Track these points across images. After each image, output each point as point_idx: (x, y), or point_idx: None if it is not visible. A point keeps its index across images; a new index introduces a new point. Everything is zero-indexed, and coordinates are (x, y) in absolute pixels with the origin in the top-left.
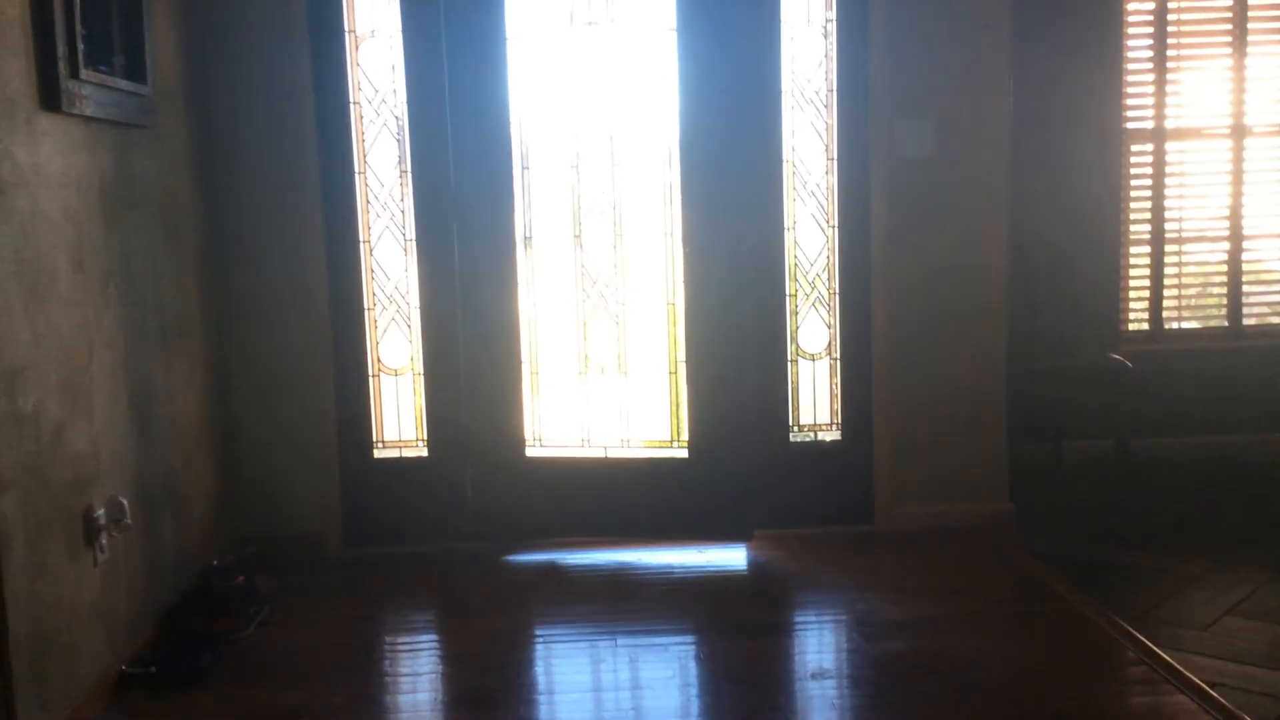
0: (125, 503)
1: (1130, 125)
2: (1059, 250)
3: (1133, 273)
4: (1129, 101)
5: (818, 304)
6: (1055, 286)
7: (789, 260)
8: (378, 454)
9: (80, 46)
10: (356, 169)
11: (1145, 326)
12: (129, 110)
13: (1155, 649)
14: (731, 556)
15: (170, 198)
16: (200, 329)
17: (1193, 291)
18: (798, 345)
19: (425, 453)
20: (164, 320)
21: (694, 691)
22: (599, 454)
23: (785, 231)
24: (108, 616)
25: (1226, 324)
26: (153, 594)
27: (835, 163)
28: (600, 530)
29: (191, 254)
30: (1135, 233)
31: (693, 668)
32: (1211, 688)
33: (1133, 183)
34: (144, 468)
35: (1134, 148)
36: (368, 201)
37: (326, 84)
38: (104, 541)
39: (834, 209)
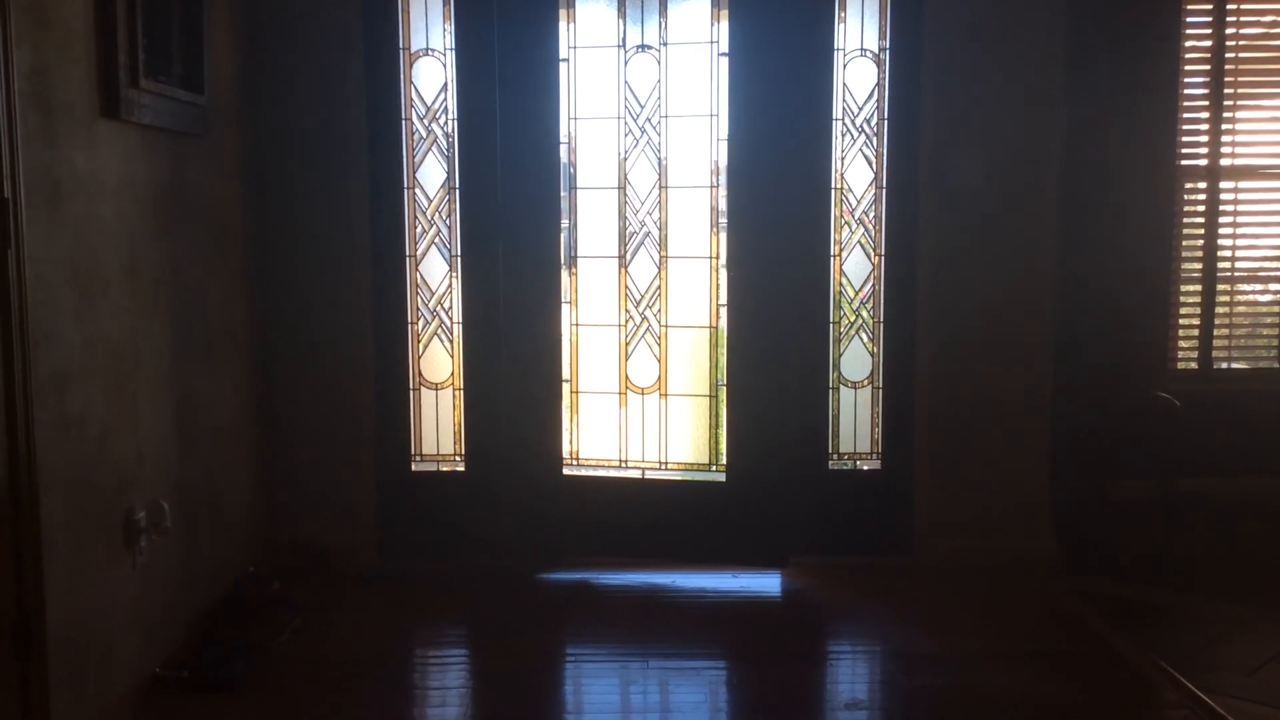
0: (166, 507)
1: (1184, 162)
2: (1108, 286)
3: (1183, 311)
4: (1184, 138)
5: (861, 332)
6: (1103, 322)
7: (834, 287)
8: (415, 467)
9: (141, 56)
10: (405, 184)
11: (1194, 366)
12: (185, 120)
13: (1198, 693)
14: (766, 583)
15: (221, 207)
16: (245, 338)
17: (1243, 332)
18: (840, 373)
19: (463, 467)
20: (210, 328)
21: (724, 718)
22: (636, 475)
23: (831, 258)
24: (144, 620)
25: (1277, 365)
26: (189, 599)
27: (884, 191)
28: (635, 551)
29: (240, 264)
30: (1186, 270)
31: (724, 694)
32: None
33: (1185, 220)
34: (185, 473)
35: (1187, 185)
36: (415, 216)
37: (378, 100)
38: (143, 545)
39: (881, 237)
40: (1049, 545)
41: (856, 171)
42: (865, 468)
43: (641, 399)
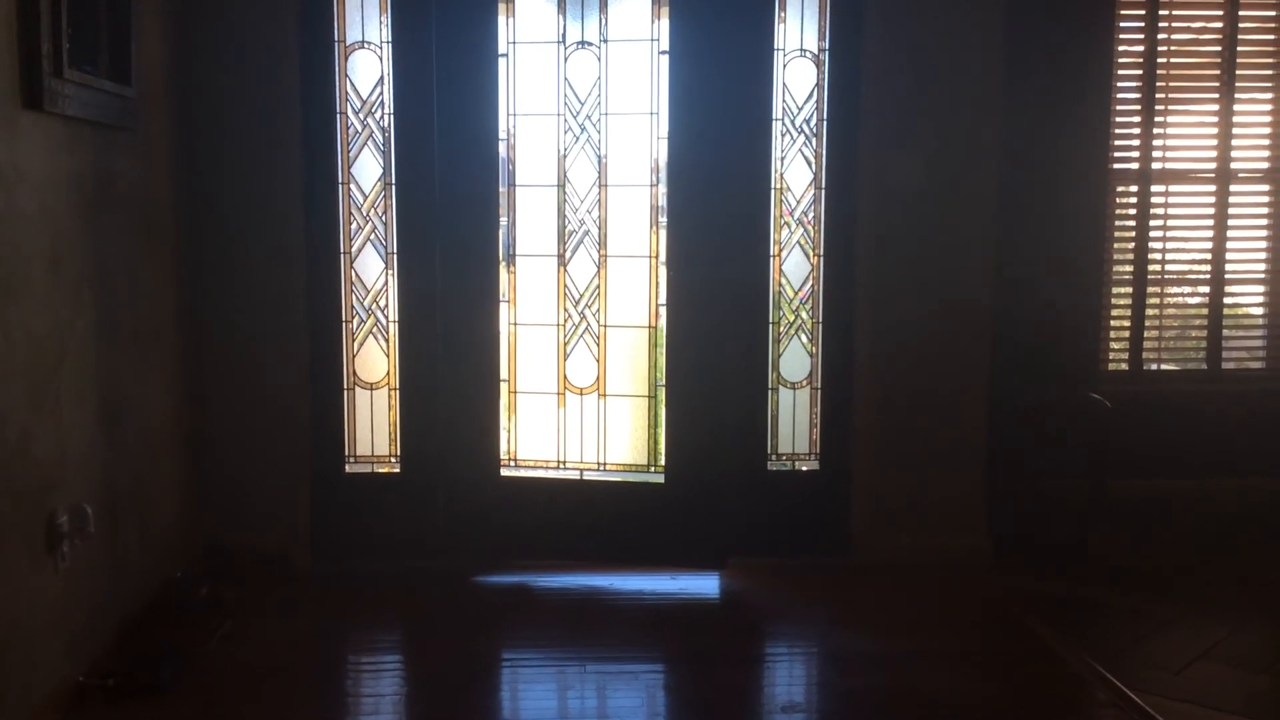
0: (90, 510)
1: (1117, 166)
2: (1044, 287)
3: (1114, 313)
4: (1116, 142)
5: (801, 332)
6: (1039, 323)
7: (773, 288)
8: (350, 469)
9: (65, 45)
10: (340, 179)
11: (1125, 367)
12: (112, 111)
13: (1128, 692)
14: (705, 584)
15: (150, 202)
16: (175, 335)
17: (1172, 334)
18: (779, 373)
19: (399, 469)
20: (138, 325)
21: None
22: (574, 476)
23: (771, 259)
24: (67, 626)
25: (1205, 367)
26: (114, 604)
27: (824, 192)
28: (573, 553)
29: (169, 259)
30: (1118, 273)
31: (661, 698)
32: None
33: (1117, 223)
34: (110, 475)
35: (1119, 188)
36: (350, 212)
37: (313, 93)
38: (66, 549)
39: (821, 238)
40: (984, 543)
41: (796, 172)
42: (804, 468)
43: (580, 399)
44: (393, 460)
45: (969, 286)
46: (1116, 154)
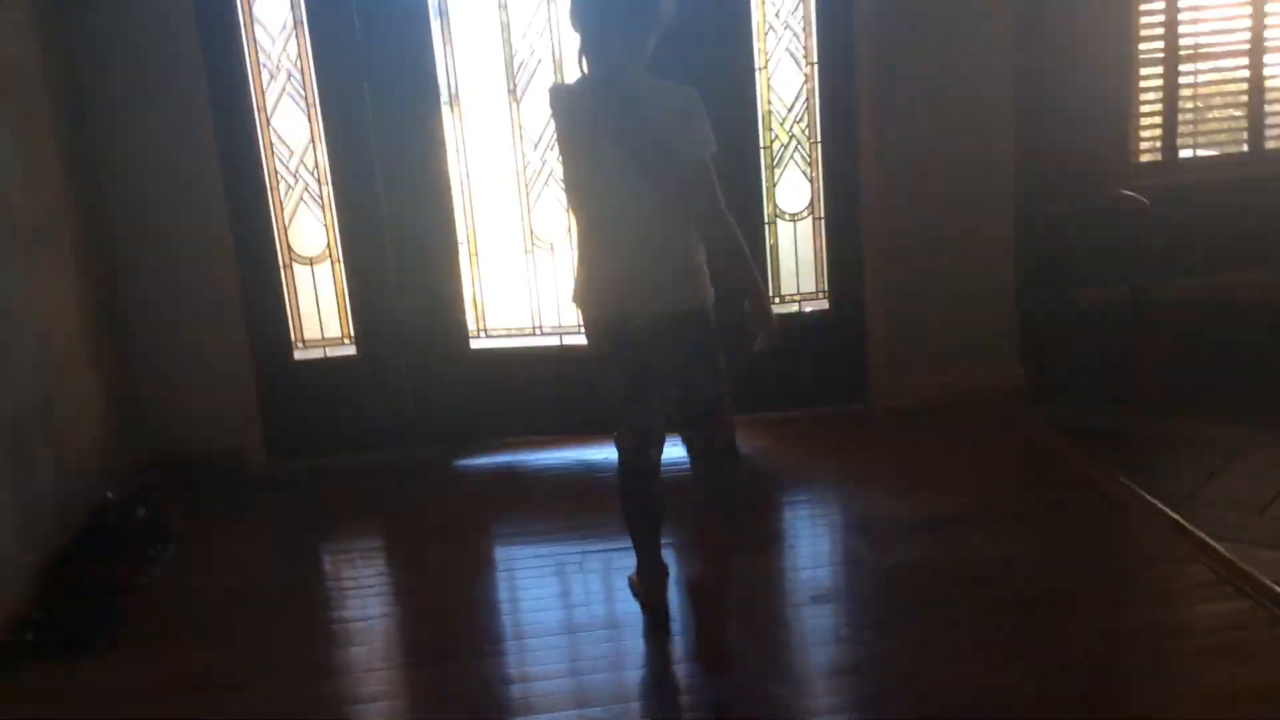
0: None
1: None
2: (1063, 74)
3: (1144, 97)
4: None
5: (797, 156)
6: (1060, 117)
7: (762, 105)
8: (299, 355)
9: None
10: (240, 21)
11: (1158, 157)
12: None
13: (1211, 543)
14: None
15: (12, 76)
16: (69, 230)
17: (1210, 115)
18: (775, 204)
19: (354, 350)
20: (15, 223)
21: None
22: (553, 342)
23: (757, 71)
24: None
25: (1247, 149)
26: (30, 543)
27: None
28: (560, 426)
29: (47, 143)
30: (1146, 51)
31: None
32: None
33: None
34: (3, 400)
35: None
36: (258, 63)
37: None
38: None
39: (813, 43)
40: (1019, 373)
41: None
42: (811, 309)
43: (552, 256)
44: (346, 342)
45: (988, 83)
46: None
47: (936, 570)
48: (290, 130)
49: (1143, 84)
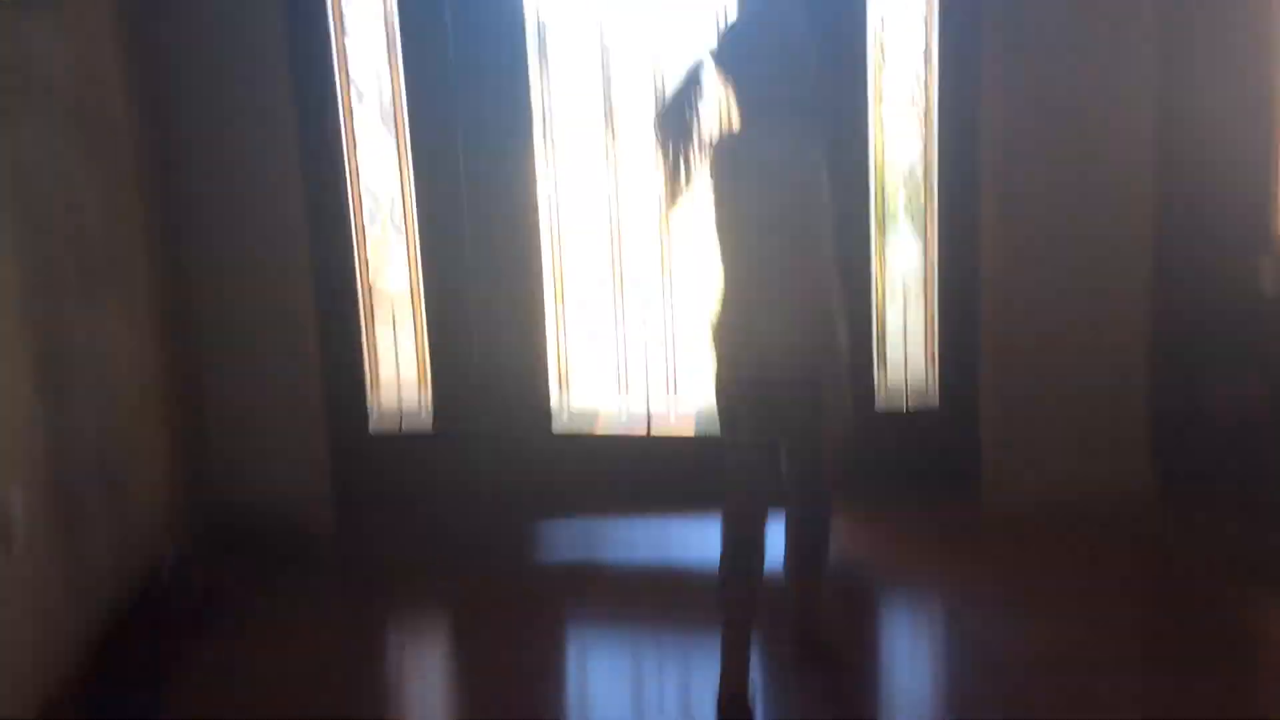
0: (19, 505)
1: None
2: (1200, 149)
3: None
4: None
5: (910, 216)
6: (1198, 186)
7: (876, 157)
8: (374, 427)
9: None
10: (333, 44)
11: None
12: None
13: None
14: None
15: (90, 95)
16: (143, 268)
17: None
18: (883, 271)
19: (430, 424)
20: (85, 258)
21: None
22: (643, 431)
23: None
24: (11, 653)
25: None
26: (82, 611)
27: (934, 28)
28: (645, 506)
29: (125, 171)
30: None
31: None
32: None
33: None
34: (60, 452)
35: None
36: (349, 86)
37: None
38: None
39: (936, 91)
40: (1146, 476)
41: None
42: (917, 390)
43: (648, 316)
44: (423, 414)
45: (1127, 147)
46: None
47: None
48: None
49: None
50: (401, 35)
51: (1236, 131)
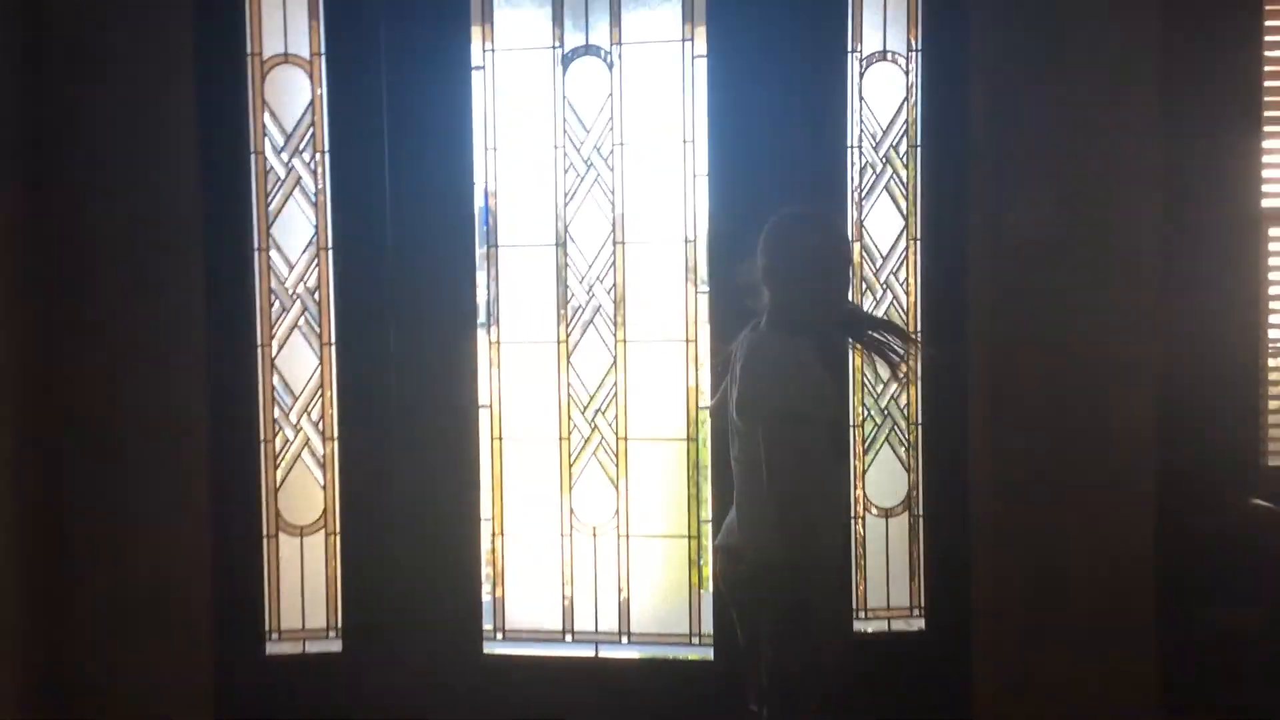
0: None
1: (1267, 204)
2: (1191, 363)
3: (1275, 390)
4: (1265, 173)
5: (895, 439)
6: (1191, 413)
7: (853, 378)
8: (271, 648)
9: None
10: (256, 245)
11: None
12: None
13: None
14: None
15: None
16: (10, 475)
17: None
18: (866, 495)
19: (339, 645)
20: None
21: None
22: (587, 652)
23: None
24: None
25: None
26: None
27: (919, 243)
28: None
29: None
30: (1277, 339)
31: None
32: None
33: (1271, 275)
34: None
35: (1273, 231)
36: (268, 290)
37: (216, 120)
38: None
39: (917, 307)
40: (1154, 708)
41: (881, 219)
42: (902, 628)
43: (593, 542)
44: (331, 635)
45: (1126, 367)
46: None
47: None
48: (296, 371)
49: (1274, 377)
50: (334, 251)
51: (1223, 357)
